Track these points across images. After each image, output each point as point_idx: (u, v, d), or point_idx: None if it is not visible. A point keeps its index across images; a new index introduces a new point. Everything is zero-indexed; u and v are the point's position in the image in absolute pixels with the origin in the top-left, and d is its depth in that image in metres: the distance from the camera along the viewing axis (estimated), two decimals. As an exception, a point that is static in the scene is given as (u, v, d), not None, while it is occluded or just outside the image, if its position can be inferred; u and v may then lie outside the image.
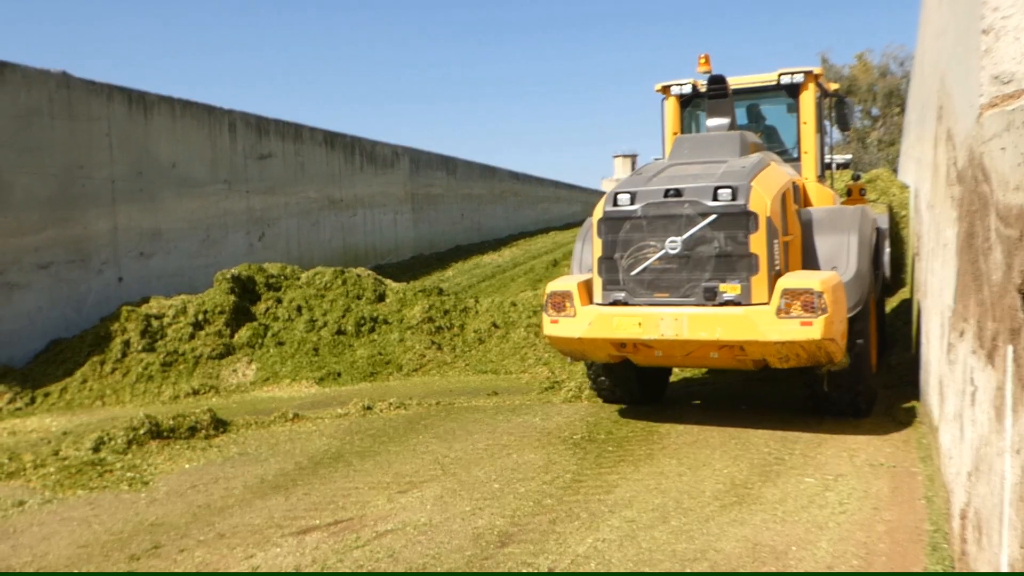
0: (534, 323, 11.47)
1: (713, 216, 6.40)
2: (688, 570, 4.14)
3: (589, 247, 7.45)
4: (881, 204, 13.29)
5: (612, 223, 6.75)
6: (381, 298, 12.28)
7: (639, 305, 6.63)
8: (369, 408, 8.25)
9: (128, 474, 6.28)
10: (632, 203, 6.66)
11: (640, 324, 6.48)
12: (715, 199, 6.40)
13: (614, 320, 6.59)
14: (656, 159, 8.42)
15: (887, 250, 8.93)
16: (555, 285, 7.07)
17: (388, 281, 13.04)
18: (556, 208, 36.97)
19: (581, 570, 4.17)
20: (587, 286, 7.02)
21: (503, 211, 30.31)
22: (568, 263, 20.33)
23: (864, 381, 6.95)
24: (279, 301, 11.90)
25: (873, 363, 7.52)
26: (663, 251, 6.53)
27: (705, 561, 4.24)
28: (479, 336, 11.42)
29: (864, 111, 40.99)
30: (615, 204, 6.74)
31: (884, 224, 8.91)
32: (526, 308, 11.85)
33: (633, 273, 6.65)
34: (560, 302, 6.92)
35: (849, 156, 30.83)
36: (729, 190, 6.37)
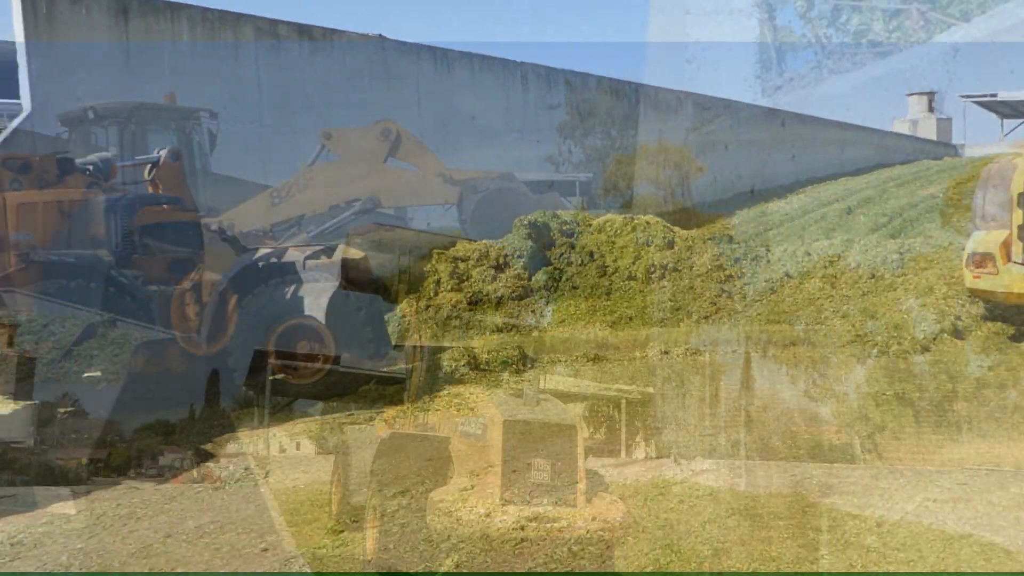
0: (830, 274, 10.99)
1: None
2: (1035, 539, 3.91)
3: (994, 196, 8.28)
4: None
5: None
6: (670, 245, 12.36)
7: None
8: (666, 352, 8.45)
9: (455, 400, 6.99)
10: None
11: None
12: None
13: None
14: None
15: None
16: (976, 246, 8.00)
17: (676, 228, 13.08)
18: (845, 152, 34.47)
19: (912, 527, 4.08)
20: (1006, 246, 7.84)
21: (787, 156, 28.88)
22: (864, 211, 19.14)
23: None
24: (572, 247, 12.39)
25: None
26: None
27: (1056, 532, 3.97)
28: (771, 285, 11.16)
29: None
30: None
31: None
32: (821, 258, 11.37)
33: None
34: (982, 261, 7.88)
35: None
36: None
